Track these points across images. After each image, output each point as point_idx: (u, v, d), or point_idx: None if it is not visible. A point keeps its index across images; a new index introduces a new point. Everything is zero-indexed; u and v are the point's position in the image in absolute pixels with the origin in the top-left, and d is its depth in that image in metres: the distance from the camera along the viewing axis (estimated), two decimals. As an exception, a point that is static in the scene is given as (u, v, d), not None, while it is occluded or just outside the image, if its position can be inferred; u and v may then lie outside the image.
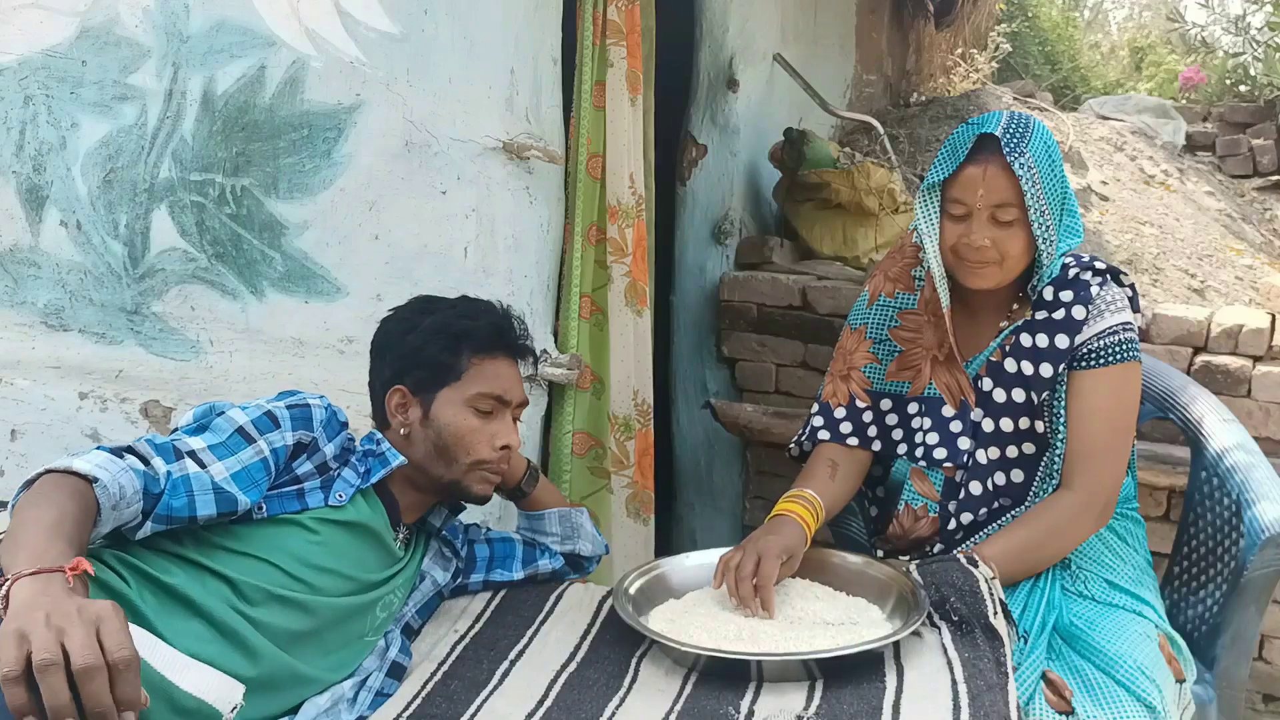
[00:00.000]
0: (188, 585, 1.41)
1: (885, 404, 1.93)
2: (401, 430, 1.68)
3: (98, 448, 1.39)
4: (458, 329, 1.67)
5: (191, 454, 1.46)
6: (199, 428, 1.54)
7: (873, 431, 1.93)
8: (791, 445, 2.02)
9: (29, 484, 1.30)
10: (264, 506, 1.53)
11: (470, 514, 2.07)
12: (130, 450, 1.41)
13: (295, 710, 1.50)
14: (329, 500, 1.58)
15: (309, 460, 1.60)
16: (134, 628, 1.12)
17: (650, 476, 2.66)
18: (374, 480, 1.62)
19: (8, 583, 1.10)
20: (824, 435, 1.94)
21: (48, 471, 1.30)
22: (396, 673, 1.60)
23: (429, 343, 1.67)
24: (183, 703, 1.18)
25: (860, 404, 1.93)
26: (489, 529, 1.95)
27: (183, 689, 1.17)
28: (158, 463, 1.41)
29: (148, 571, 1.40)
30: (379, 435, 1.68)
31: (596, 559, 1.95)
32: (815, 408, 1.98)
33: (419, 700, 1.53)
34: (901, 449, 1.91)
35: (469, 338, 1.67)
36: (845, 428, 1.93)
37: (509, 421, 1.69)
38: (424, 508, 1.73)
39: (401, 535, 1.69)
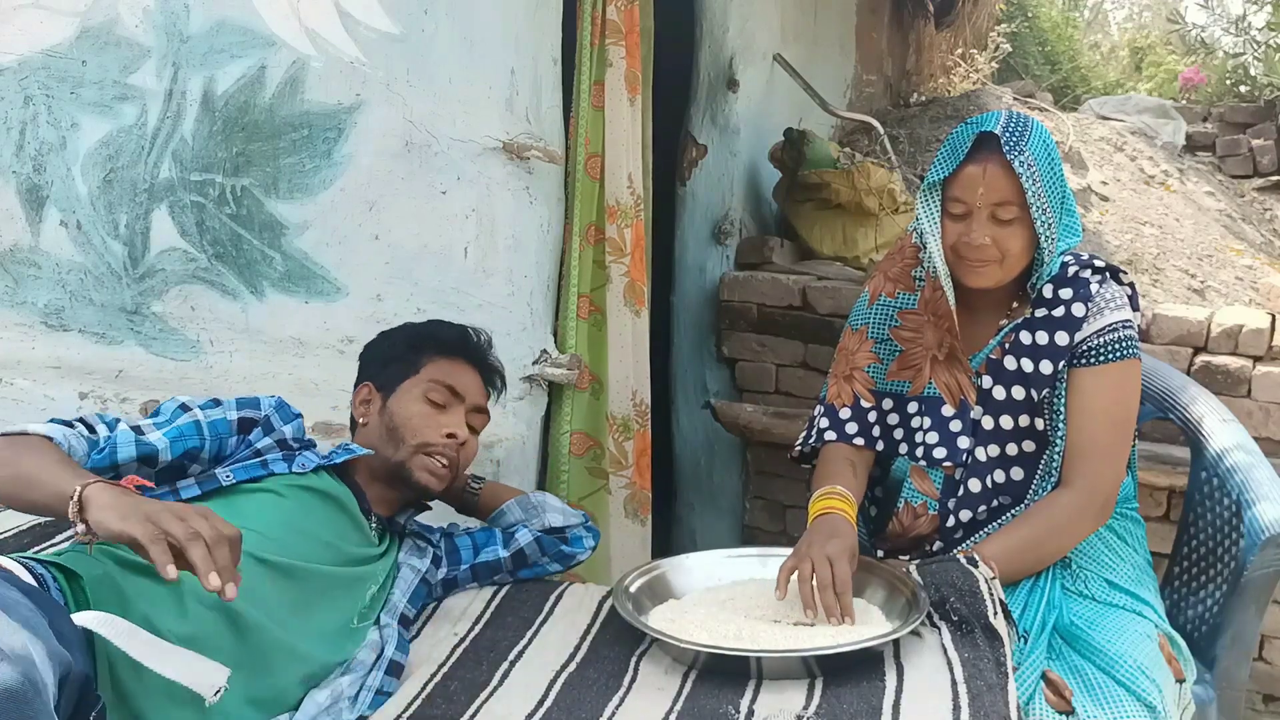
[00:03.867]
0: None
1: (887, 404, 1.93)
2: (361, 420, 1.79)
3: (50, 420, 1.50)
4: (425, 332, 1.83)
5: (135, 428, 1.57)
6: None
7: (877, 432, 1.93)
8: (796, 447, 2.02)
9: None
10: (231, 475, 1.61)
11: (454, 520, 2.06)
12: (80, 420, 1.53)
13: (295, 707, 1.50)
14: (293, 469, 1.65)
15: (266, 436, 1.69)
16: (112, 617, 1.21)
17: (648, 477, 2.66)
18: (336, 461, 1.69)
19: (79, 488, 1.25)
20: (830, 436, 1.93)
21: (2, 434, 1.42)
22: (395, 671, 1.60)
23: (397, 344, 1.82)
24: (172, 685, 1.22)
25: (865, 404, 1.93)
26: (468, 528, 1.96)
27: (164, 675, 1.21)
28: (101, 429, 1.53)
29: (122, 555, 1.39)
30: (348, 442, 1.77)
31: (583, 540, 1.91)
32: (819, 409, 1.97)
33: (419, 701, 1.52)
34: (903, 448, 1.90)
35: (433, 338, 1.80)
36: (851, 428, 1.92)
37: (460, 416, 1.75)
38: (392, 503, 1.76)
39: (374, 525, 1.73)
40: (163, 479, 1.59)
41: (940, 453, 1.85)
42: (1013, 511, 1.83)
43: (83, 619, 1.19)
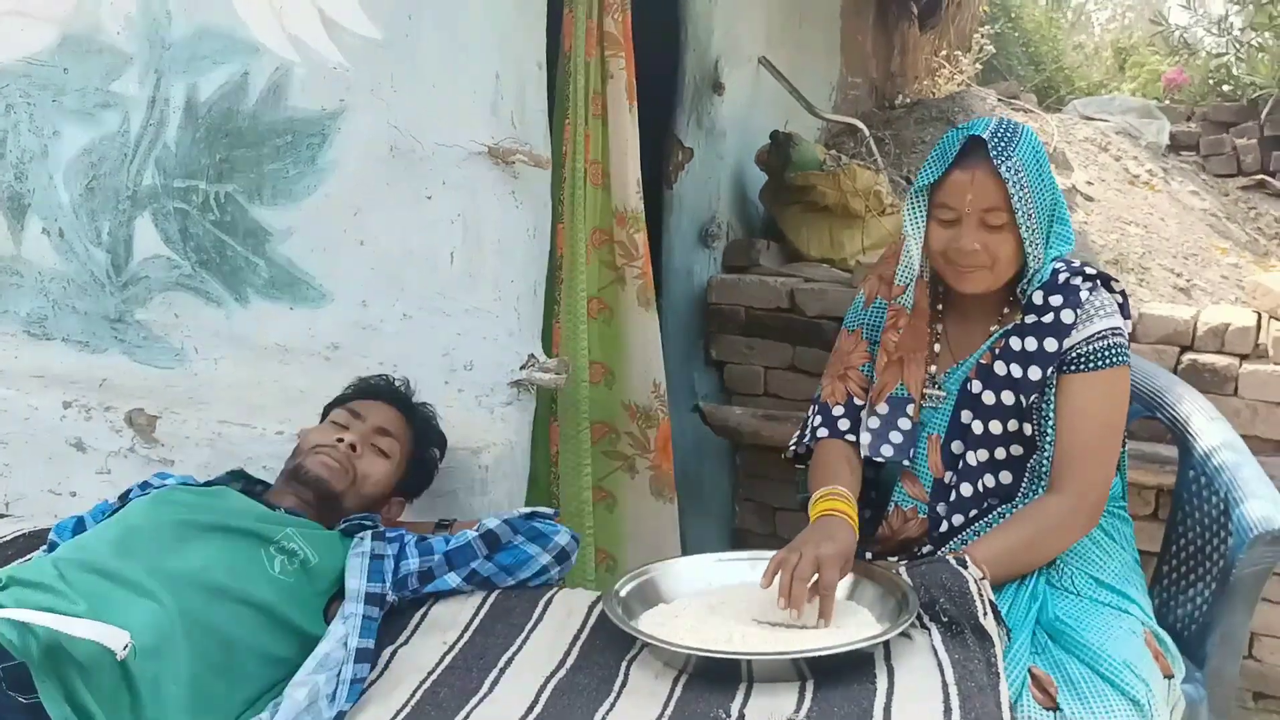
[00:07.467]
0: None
1: (880, 403, 1.93)
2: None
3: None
4: (342, 393, 2.01)
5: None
6: None
7: (868, 429, 1.93)
8: (791, 446, 2.02)
9: None
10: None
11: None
12: None
13: (271, 688, 1.58)
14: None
15: (143, 490, 1.87)
16: (23, 611, 1.37)
17: (670, 460, 2.72)
18: (207, 480, 1.89)
19: None
20: (823, 433, 1.94)
21: None
22: (364, 657, 1.60)
23: (325, 411, 2.00)
24: (83, 649, 1.37)
25: (858, 402, 1.93)
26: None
27: (75, 637, 1.36)
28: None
29: None
30: None
31: (558, 527, 1.87)
32: (814, 409, 1.98)
33: (408, 709, 1.52)
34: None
35: (343, 392, 2.01)
36: (844, 424, 1.93)
37: (356, 428, 1.91)
38: (308, 505, 1.84)
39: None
40: None
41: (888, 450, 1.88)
42: (999, 510, 1.83)
43: None
